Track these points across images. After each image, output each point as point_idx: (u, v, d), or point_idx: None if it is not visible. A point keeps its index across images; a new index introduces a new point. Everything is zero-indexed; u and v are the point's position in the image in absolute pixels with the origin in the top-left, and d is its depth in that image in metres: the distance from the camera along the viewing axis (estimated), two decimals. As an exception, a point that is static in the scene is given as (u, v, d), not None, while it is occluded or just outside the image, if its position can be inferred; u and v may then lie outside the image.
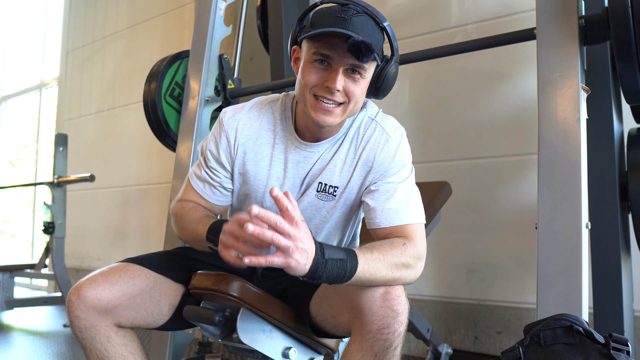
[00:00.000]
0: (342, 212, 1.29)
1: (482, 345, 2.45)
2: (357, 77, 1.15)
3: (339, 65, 1.12)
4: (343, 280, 1.02)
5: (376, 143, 1.24)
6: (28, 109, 6.06)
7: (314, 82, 1.14)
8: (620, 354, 0.96)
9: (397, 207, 1.18)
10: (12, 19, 6.39)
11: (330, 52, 1.11)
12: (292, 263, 0.95)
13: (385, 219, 1.18)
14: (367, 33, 1.10)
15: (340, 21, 1.09)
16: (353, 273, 1.02)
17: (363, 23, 1.11)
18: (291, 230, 0.94)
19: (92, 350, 1.22)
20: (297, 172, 1.27)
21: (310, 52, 1.14)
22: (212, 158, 1.30)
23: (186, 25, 3.93)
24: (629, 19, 1.31)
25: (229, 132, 1.28)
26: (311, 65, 1.14)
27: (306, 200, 1.28)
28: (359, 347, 1.09)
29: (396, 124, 1.28)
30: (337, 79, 1.12)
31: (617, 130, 1.78)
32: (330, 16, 1.11)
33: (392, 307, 1.07)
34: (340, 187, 1.26)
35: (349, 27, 1.09)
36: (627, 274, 1.78)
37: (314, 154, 1.26)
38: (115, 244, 4.32)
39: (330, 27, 1.09)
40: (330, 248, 1.02)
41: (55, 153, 3.60)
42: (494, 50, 2.43)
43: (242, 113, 1.29)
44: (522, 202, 2.40)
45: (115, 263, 1.28)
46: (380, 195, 1.20)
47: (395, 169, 1.23)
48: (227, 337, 1.29)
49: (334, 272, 1.00)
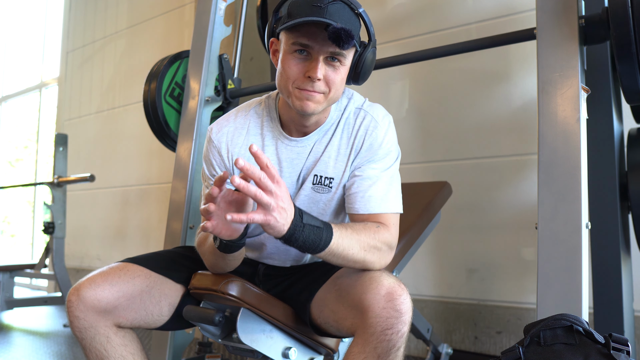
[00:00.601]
0: (339, 204, 1.30)
1: (482, 345, 2.45)
2: (337, 65, 1.16)
3: (319, 54, 1.13)
4: (317, 249, 1.06)
5: (365, 129, 1.25)
6: (28, 109, 6.06)
7: (295, 75, 1.15)
8: (620, 354, 0.96)
9: (377, 195, 1.21)
10: (12, 19, 6.39)
11: (309, 41, 1.12)
12: (272, 221, 0.98)
13: (364, 206, 1.21)
14: (345, 20, 1.11)
15: (317, 10, 1.10)
16: (328, 243, 1.06)
17: (339, 10, 1.12)
18: (273, 187, 0.98)
19: (91, 350, 1.22)
20: (293, 169, 1.28)
21: (289, 42, 1.14)
22: (212, 177, 1.30)
23: (186, 25, 3.93)
24: (629, 19, 1.31)
25: (220, 146, 1.28)
26: (291, 56, 1.15)
27: (303, 194, 1.28)
28: (361, 349, 1.08)
29: (383, 111, 1.29)
30: (318, 68, 1.13)
31: (617, 130, 1.78)
32: (307, 6, 1.11)
33: (396, 308, 1.06)
34: (336, 178, 1.26)
35: (326, 15, 1.09)
36: (627, 274, 1.78)
37: (305, 148, 1.27)
38: (115, 244, 4.32)
39: (308, 16, 1.09)
40: (308, 215, 1.06)
41: (55, 153, 3.60)
42: (494, 50, 2.43)
43: (228, 125, 1.30)
44: (522, 202, 2.40)
45: (114, 263, 1.28)
46: (363, 181, 1.22)
47: (381, 155, 1.24)
48: (227, 337, 1.29)
49: (310, 237, 1.04)
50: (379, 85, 2.83)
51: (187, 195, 2.06)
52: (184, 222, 2.04)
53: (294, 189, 1.29)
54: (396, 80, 2.83)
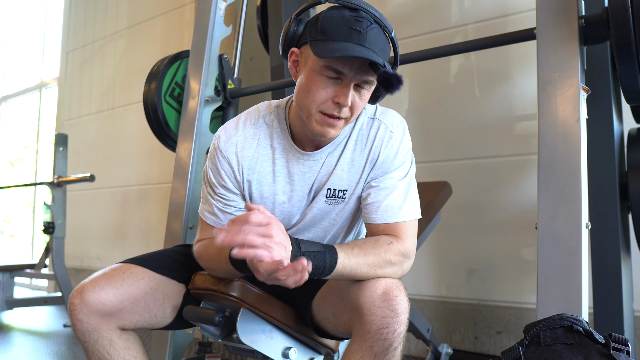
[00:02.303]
0: (351, 212, 1.29)
1: (482, 345, 2.45)
2: (364, 92, 1.13)
3: (352, 81, 1.09)
4: (324, 272, 1.07)
5: (380, 140, 1.23)
6: (28, 109, 6.06)
7: (322, 99, 1.11)
8: (620, 354, 0.96)
9: (395, 204, 1.20)
10: (12, 19, 6.39)
11: (344, 68, 1.07)
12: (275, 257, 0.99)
13: (381, 216, 1.19)
14: (381, 47, 1.08)
15: (357, 35, 1.05)
16: (334, 265, 1.06)
17: (377, 37, 1.08)
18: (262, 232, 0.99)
19: (94, 353, 1.21)
20: (304, 183, 1.26)
21: (321, 63, 1.08)
22: (219, 186, 1.26)
23: (186, 25, 3.93)
24: (629, 19, 1.31)
25: (230, 157, 1.24)
26: (320, 78, 1.10)
27: (316, 207, 1.27)
28: (358, 347, 1.09)
29: (398, 118, 1.27)
30: (349, 95, 1.09)
31: (617, 130, 1.78)
32: (344, 27, 1.06)
33: (391, 307, 1.07)
34: (349, 189, 1.25)
35: (365, 42, 1.05)
36: (627, 274, 1.78)
37: (317, 162, 1.25)
38: (115, 244, 4.31)
39: (347, 41, 1.05)
40: (306, 243, 1.07)
41: (55, 153, 3.60)
42: (494, 50, 2.43)
43: (237, 135, 1.25)
44: (522, 202, 2.40)
45: (116, 264, 1.27)
46: (380, 191, 1.21)
47: (397, 164, 1.23)
48: (227, 337, 1.29)
49: (312, 263, 1.04)
50: (379, 85, 2.83)
51: (187, 195, 2.06)
52: (184, 222, 2.04)
53: (305, 202, 1.27)
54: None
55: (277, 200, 1.26)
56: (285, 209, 1.27)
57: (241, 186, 1.26)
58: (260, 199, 1.26)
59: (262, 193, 1.26)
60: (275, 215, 1.26)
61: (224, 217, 1.27)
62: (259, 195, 1.26)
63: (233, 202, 1.27)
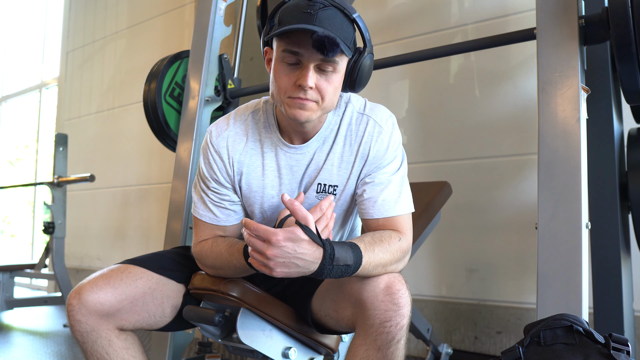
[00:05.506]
0: (343, 209, 1.30)
1: (482, 345, 2.45)
2: (329, 72, 1.12)
3: (309, 62, 1.10)
4: (345, 276, 1.09)
5: (369, 136, 1.23)
6: (28, 109, 6.06)
7: (286, 83, 1.12)
8: (620, 354, 0.96)
9: (391, 198, 1.21)
10: (12, 19, 6.39)
11: (298, 48, 1.09)
12: (279, 274, 1.04)
13: (378, 211, 1.21)
14: (335, 26, 1.08)
15: (307, 16, 1.07)
16: (356, 271, 1.08)
17: (331, 16, 1.09)
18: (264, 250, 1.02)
19: (93, 354, 1.21)
20: (293, 176, 1.27)
21: (280, 50, 1.12)
22: (212, 180, 1.28)
23: (186, 25, 3.93)
24: (629, 19, 1.31)
25: (221, 151, 1.26)
26: (282, 65, 1.12)
27: (306, 202, 1.27)
28: (362, 341, 1.10)
29: (386, 113, 1.27)
30: (309, 76, 1.10)
31: (617, 130, 1.78)
32: (297, 12, 1.09)
33: (394, 301, 1.08)
34: (340, 185, 1.26)
35: (315, 21, 1.06)
36: (627, 274, 1.78)
37: (305, 155, 1.26)
38: (115, 244, 4.32)
39: (297, 23, 1.07)
40: (339, 257, 1.05)
41: (55, 153, 3.60)
42: (494, 50, 2.43)
43: (228, 130, 1.27)
44: (522, 202, 2.40)
45: (115, 264, 1.27)
46: (375, 187, 1.22)
47: (389, 159, 1.24)
48: (227, 337, 1.29)
49: (337, 274, 1.06)
50: (379, 85, 2.83)
51: (187, 195, 2.06)
52: (184, 222, 2.04)
53: (295, 196, 1.27)
54: (396, 80, 2.83)
55: (265, 194, 1.27)
56: (274, 203, 1.28)
57: (232, 179, 1.27)
58: (249, 192, 1.27)
59: (251, 187, 1.27)
60: (265, 210, 1.27)
61: (219, 213, 1.28)
62: (248, 188, 1.27)
63: (226, 197, 1.28)
